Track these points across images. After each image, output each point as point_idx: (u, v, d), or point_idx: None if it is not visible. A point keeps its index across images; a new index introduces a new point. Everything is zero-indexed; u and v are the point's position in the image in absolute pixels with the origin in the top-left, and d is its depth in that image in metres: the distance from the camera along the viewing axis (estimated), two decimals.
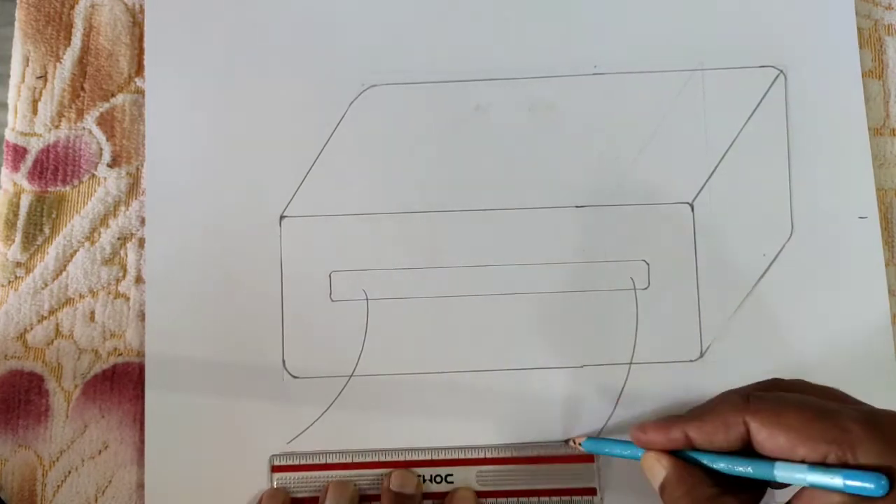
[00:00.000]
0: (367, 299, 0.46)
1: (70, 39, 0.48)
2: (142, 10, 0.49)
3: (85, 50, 0.48)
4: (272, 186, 0.47)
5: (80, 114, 0.48)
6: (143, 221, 0.47)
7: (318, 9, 0.48)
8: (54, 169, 0.48)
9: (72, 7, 0.49)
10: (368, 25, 0.48)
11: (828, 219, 0.46)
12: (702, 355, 0.46)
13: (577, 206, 0.47)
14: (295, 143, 0.47)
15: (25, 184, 0.48)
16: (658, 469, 0.39)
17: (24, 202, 0.47)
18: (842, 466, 0.33)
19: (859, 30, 0.48)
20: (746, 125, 0.47)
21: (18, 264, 0.47)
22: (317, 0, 0.48)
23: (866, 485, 0.32)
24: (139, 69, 0.48)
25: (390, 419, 0.45)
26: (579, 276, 0.46)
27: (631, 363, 0.46)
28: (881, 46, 0.49)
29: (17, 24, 0.48)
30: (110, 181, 0.48)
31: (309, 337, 0.46)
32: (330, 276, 0.46)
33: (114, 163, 0.48)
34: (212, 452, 0.45)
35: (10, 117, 0.48)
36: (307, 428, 0.45)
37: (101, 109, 0.48)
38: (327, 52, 0.48)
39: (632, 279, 0.46)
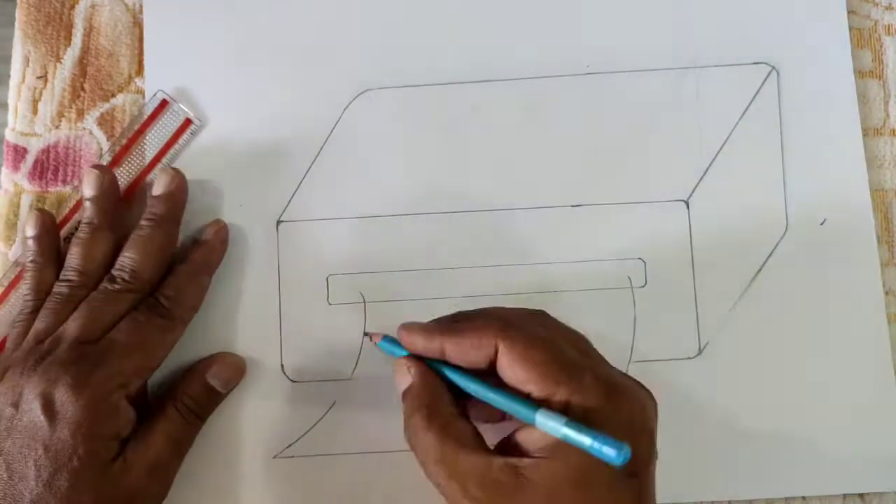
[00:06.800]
0: (364, 302, 0.46)
1: (70, 39, 0.49)
2: (142, 10, 0.49)
3: (85, 50, 0.49)
4: (269, 191, 0.47)
5: (81, 114, 0.48)
6: None
7: (314, 13, 0.49)
8: (54, 169, 0.48)
9: (72, 7, 0.49)
10: (363, 30, 0.49)
11: (822, 214, 0.46)
12: (700, 352, 0.46)
13: (572, 206, 0.47)
14: (291, 147, 0.48)
15: (25, 184, 0.48)
16: (405, 375, 0.39)
17: (25, 202, 0.48)
18: (564, 407, 0.35)
19: (859, 30, 0.49)
20: (740, 122, 0.47)
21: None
22: (312, 5, 0.49)
23: (610, 450, 0.33)
24: (139, 69, 0.49)
25: (389, 422, 0.45)
26: (576, 276, 0.46)
27: (630, 361, 0.46)
28: (881, 46, 0.48)
29: (17, 24, 0.49)
30: None
31: (307, 341, 0.46)
32: (327, 279, 0.46)
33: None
34: (212, 456, 0.45)
35: (10, 117, 0.48)
36: (307, 431, 0.45)
37: (101, 109, 0.48)
38: (322, 56, 0.48)
39: (629, 277, 0.46)
